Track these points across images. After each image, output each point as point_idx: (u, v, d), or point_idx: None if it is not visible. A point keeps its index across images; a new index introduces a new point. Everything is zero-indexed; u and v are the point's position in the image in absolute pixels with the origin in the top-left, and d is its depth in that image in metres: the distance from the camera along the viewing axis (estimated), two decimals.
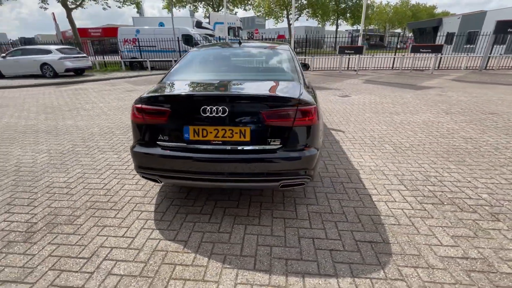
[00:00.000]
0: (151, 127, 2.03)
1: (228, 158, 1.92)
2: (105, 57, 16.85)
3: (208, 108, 1.87)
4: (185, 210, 2.30)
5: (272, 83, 2.31)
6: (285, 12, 38.02)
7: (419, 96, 6.88)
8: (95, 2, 22.67)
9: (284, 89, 2.17)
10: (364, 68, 13.55)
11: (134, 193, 2.57)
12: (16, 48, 12.19)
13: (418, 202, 2.36)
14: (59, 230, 2.06)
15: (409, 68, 12.83)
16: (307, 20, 41.09)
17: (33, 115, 5.66)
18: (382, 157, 3.31)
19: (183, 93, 2.08)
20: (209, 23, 21.06)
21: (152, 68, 15.01)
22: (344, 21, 44.66)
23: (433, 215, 2.18)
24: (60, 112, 5.88)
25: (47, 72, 11.34)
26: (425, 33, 34.68)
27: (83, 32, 31.38)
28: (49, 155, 3.54)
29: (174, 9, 32.87)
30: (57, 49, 11.40)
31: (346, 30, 53.17)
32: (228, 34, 20.46)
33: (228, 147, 1.95)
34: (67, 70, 11.49)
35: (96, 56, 17.37)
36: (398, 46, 16.53)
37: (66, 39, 25.30)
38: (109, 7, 24.00)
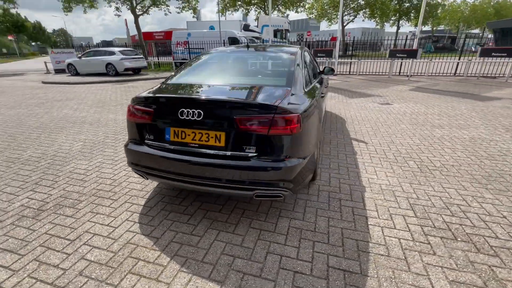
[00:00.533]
0: (140, 126, 2.15)
1: (203, 162, 1.92)
2: (159, 58, 18.49)
3: (185, 111, 1.90)
4: (170, 208, 2.38)
5: (259, 88, 2.22)
6: (339, 13, 36.57)
7: (477, 108, 5.87)
8: (158, 8, 25.13)
9: (265, 95, 2.07)
10: (419, 74, 12.16)
11: (134, 186, 2.76)
12: (89, 50, 14.30)
13: (423, 233, 2.01)
14: (61, 212, 2.33)
15: (476, 75, 11.06)
16: (363, 21, 38.70)
17: (86, 108, 6.54)
18: (400, 175, 2.92)
19: (164, 96, 2.13)
20: (257, 26, 21.46)
21: None
22: (407, 22, 40.79)
23: (437, 251, 1.83)
24: (107, 107, 6.67)
25: (110, 71, 13.00)
26: (510, 34, 29.51)
27: (149, 35, 34.98)
28: (83, 144, 4.04)
29: (227, 13, 34.42)
30: (119, 51, 13.02)
31: (410, 32, 48.53)
32: (275, 37, 20.58)
33: (204, 151, 1.95)
34: (126, 69, 13.00)
35: (158, 57, 19.16)
36: (469, 49, 14.36)
37: (135, 42, 28.53)
38: (170, 12, 26.31)
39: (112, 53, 13.01)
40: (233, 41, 15.09)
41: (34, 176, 3.02)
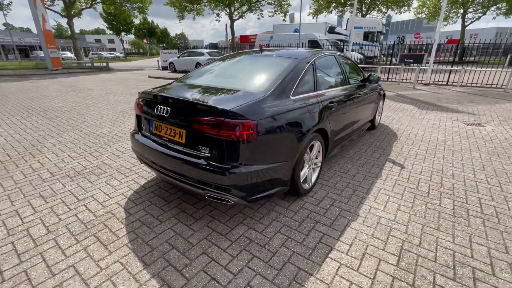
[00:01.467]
0: (138, 118, 2.51)
1: (169, 154, 2.09)
2: None
3: (159, 107, 2.12)
4: (158, 191, 2.68)
5: (234, 91, 2.20)
6: (461, 10, 30.09)
7: None
8: (252, 13, 27.03)
9: (228, 98, 2.05)
10: None
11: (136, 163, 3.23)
12: (186, 51, 16.88)
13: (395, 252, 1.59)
14: (88, 178, 2.97)
15: None
16: (493, 18, 30.85)
17: None
18: (417, 213, 2.33)
19: (147, 92, 2.34)
20: (346, 28, 20.17)
21: None
22: None
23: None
24: None
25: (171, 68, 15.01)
26: None
27: (246, 38, 38.01)
28: None
29: (322, 14, 33.66)
30: (207, 52, 14.83)
31: None
32: (367, 39, 18.88)
33: (172, 145, 2.13)
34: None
35: None
36: None
37: (231, 45, 31.69)
38: (262, 17, 27.92)
39: (202, 54, 14.96)
40: (313, 43, 14.77)
41: (93, 147, 3.91)
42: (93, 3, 24.04)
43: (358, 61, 15.24)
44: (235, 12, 26.55)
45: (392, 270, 1.73)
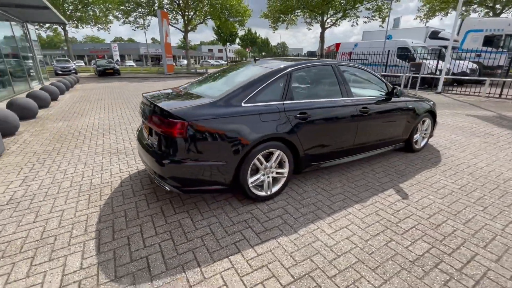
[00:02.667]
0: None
1: (141, 146, 2.60)
2: None
3: (141, 106, 2.67)
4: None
5: (194, 96, 2.51)
6: None
7: None
8: (347, 20, 25.84)
9: (180, 102, 2.37)
10: None
11: None
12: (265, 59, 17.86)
13: None
14: (118, 155, 3.89)
15: None
16: None
17: None
18: (364, 249, 2.02)
19: (142, 95, 2.90)
20: (457, 32, 16.45)
21: None
22: None
23: None
24: None
25: None
26: None
27: (339, 46, 36.67)
28: None
29: (437, 17, 28.75)
30: None
31: None
32: (490, 45, 15.00)
33: (143, 139, 2.64)
34: None
35: None
36: None
37: (329, 52, 31.26)
38: (357, 24, 26.27)
39: None
40: (404, 51, 12.98)
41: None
42: (204, 19, 28.68)
43: (468, 71, 12.36)
44: (328, 20, 26.09)
45: None
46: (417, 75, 11.06)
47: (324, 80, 3.07)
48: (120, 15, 26.55)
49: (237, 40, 60.54)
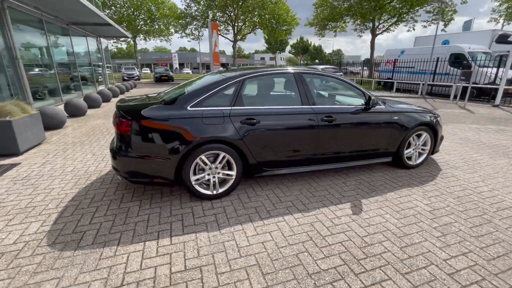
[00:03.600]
0: None
1: None
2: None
3: None
4: None
5: (155, 101, 2.81)
6: None
7: None
8: (404, 24, 23.86)
9: (139, 105, 2.68)
10: None
11: None
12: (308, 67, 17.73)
13: None
14: None
15: None
16: None
17: None
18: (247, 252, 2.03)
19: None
20: None
21: (400, 90, 13.98)
22: None
23: None
24: None
25: None
26: None
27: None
28: None
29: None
30: (321, 69, 14.96)
31: None
32: None
33: None
34: None
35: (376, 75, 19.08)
36: None
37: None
38: (414, 29, 23.95)
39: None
40: (458, 57, 11.46)
41: None
42: (253, 28, 29.90)
43: None
44: (380, 26, 24.44)
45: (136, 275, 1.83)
46: (467, 84, 9.64)
47: (282, 88, 3.10)
48: (177, 29, 29.63)
49: (288, 48, 61.04)
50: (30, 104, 6.95)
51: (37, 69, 9.12)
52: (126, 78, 25.57)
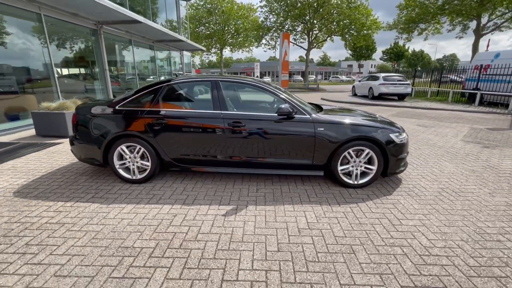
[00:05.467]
0: None
1: None
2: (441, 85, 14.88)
3: None
4: None
5: (106, 100, 3.64)
6: None
7: None
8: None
9: (92, 103, 3.53)
10: None
11: None
12: (368, 75, 15.99)
13: None
14: None
15: None
16: None
17: None
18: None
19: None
20: None
21: (491, 103, 10.98)
22: None
23: None
24: None
25: (369, 95, 13.97)
26: None
27: None
28: None
29: None
30: (383, 76, 13.30)
31: None
32: None
33: None
34: (381, 94, 13.11)
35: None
36: None
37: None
38: None
39: (376, 78, 13.69)
40: None
41: None
42: (330, 35, 29.01)
43: None
44: (490, 24, 19.45)
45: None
46: None
47: (199, 94, 3.39)
48: (252, 40, 31.91)
49: (378, 54, 55.57)
50: None
51: (128, 77, 12.13)
52: None
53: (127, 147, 3.32)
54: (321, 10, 25.78)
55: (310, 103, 4.26)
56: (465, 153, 4.84)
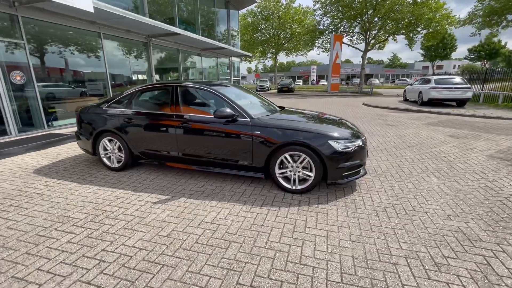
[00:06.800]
0: None
1: None
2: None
3: None
4: None
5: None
6: None
7: None
8: None
9: (92, 103, 4.41)
10: None
11: None
12: (421, 78, 13.93)
13: None
14: None
15: None
16: None
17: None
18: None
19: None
20: None
21: None
22: None
23: None
24: None
25: (419, 100, 12.28)
26: None
27: None
28: None
29: None
30: (435, 80, 11.49)
31: None
32: None
33: None
34: (430, 99, 11.38)
35: None
36: None
37: None
38: None
39: (428, 81, 11.92)
40: None
41: None
42: (392, 34, 26.35)
43: None
44: None
45: None
46: None
47: (162, 98, 3.87)
48: (301, 44, 31.31)
49: (455, 53, 47.31)
50: None
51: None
52: (258, 89, 30.43)
53: (109, 140, 4.07)
54: (380, 8, 23.73)
55: (279, 106, 4.40)
56: (473, 170, 4.06)
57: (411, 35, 24.98)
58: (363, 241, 2.34)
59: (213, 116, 3.46)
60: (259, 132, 3.25)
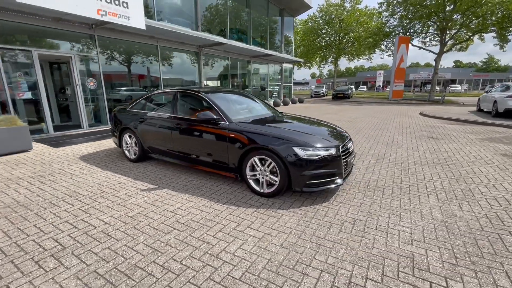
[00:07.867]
0: None
1: None
2: None
3: None
4: None
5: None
6: None
7: None
8: None
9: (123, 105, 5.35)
10: None
11: None
12: (500, 84, 11.23)
13: None
14: None
15: None
16: None
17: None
18: None
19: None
20: None
21: None
22: None
23: None
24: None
25: (493, 111, 10.11)
26: None
27: None
28: None
29: None
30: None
31: None
32: None
33: None
34: (507, 110, 9.21)
35: None
36: None
37: None
38: None
39: (507, 88, 9.66)
40: None
41: None
42: (478, 32, 22.22)
43: None
44: None
45: None
46: None
47: (167, 102, 4.42)
48: (367, 47, 28.82)
49: None
50: None
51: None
52: (313, 95, 29.84)
53: (129, 136, 4.90)
54: (462, 3, 20.35)
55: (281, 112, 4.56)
56: (496, 196, 3.35)
57: (504, 32, 20.69)
58: (292, 248, 2.33)
59: (193, 118, 3.89)
60: (233, 135, 3.48)
